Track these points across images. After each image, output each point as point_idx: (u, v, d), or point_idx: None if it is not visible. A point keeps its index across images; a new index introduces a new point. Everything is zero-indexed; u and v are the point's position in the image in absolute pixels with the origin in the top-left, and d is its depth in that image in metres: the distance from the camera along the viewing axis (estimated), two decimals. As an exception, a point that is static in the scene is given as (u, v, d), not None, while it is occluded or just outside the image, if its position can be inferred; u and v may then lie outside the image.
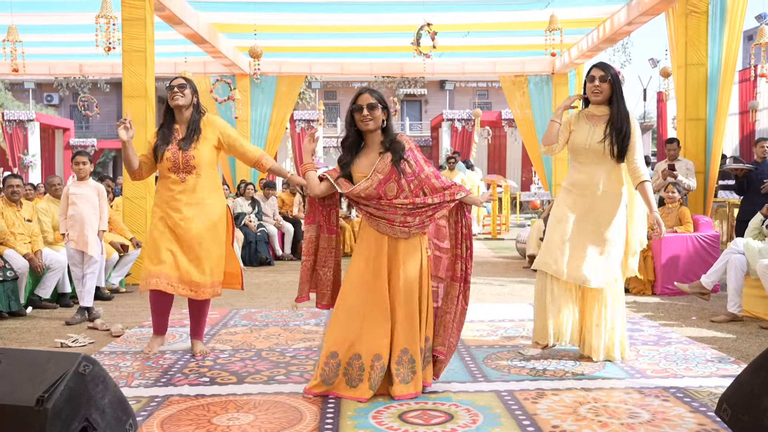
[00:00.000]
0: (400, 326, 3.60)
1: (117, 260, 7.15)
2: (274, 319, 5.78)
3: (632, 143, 4.19)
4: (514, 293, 7.15)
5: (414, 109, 39.70)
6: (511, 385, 3.82)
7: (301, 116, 23.02)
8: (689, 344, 4.76)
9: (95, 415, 2.62)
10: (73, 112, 35.09)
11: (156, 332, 4.67)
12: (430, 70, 12.58)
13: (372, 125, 3.66)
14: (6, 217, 6.30)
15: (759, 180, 7.15)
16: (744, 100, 14.73)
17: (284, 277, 8.58)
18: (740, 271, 5.59)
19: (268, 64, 12.40)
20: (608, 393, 3.69)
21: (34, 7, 9.30)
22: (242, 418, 3.33)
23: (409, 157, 3.68)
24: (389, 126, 3.74)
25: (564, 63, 12.65)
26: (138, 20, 7.94)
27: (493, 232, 14.16)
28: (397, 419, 3.29)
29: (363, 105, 3.64)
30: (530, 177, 23.17)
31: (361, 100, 3.66)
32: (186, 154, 4.36)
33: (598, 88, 4.20)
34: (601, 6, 9.77)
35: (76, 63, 13.38)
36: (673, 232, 7.04)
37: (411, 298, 3.62)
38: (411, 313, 3.62)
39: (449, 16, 9.85)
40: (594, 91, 4.22)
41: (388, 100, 3.86)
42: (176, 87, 4.40)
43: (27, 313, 6.16)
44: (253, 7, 9.14)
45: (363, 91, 3.70)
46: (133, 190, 7.98)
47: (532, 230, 9.28)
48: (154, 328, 4.67)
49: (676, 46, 8.29)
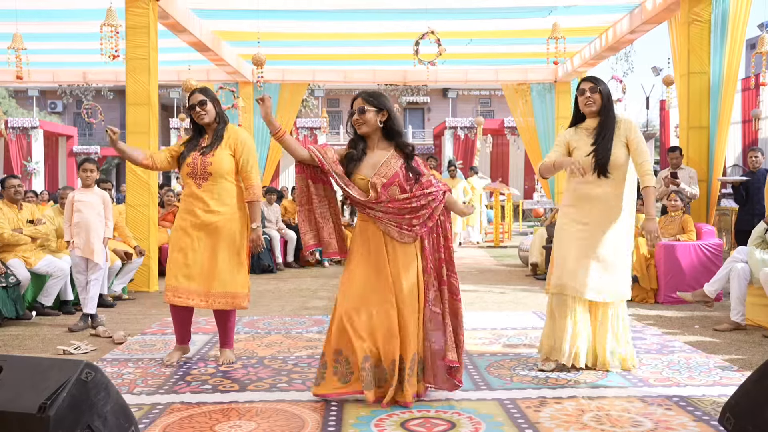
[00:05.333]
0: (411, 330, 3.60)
1: (120, 268, 7.16)
2: (277, 327, 5.78)
3: (638, 146, 4.17)
4: (517, 301, 7.14)
5: (417, 116, 39.77)
6: (514, 394, 3.81)
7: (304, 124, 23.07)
8: (692, 353, 4.75)
9: (97, 423, 2.62)
10: (77, 120, 35.22)
11: (178, 342, 4.69)
12: (433, 78, 12.60)
13: (364, 128, 3.70)
14: (8, 219, 6.31)
15: (756, 189, 7.15)
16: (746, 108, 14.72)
17: (286, 284, 8.58)
18: (743, 279, 5.58)
19: (271, 71, 12.43)
20: (611, 402, 3.67)
21: (39, 16, 9.33)
22: (244, 426, 3.33)
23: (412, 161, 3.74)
24: (389, 126, 3.74)
25: (567, 71, 12.66)
26: (142, 28, 7.98)
27: (496, 240, 14.15)
28: (399, 427, 3.29)
29: (355, 109, 3.71)
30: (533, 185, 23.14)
31: (354, 104, 3.73)
32: (204, 160, 4.38)
33: (590, 99, 4.22)
34: (604, 14, 9.79)
35: (80, 71, 13.42)
36: (676, 241, 7.03)
37: (414, 301, 3.63)
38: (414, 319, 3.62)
39: (452, 24, 9.87)
40: (587, 102, 4.24)
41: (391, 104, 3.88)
42: (197, 106, 4.41)
43: (30, 318, 6.16)
44: (256, 15, 9.17)
45: (358, 95, 3.74)
46: (137, 198, 8.00)
47: (535, 238, 9.28)
48: (176, 338, 4.69)
49: (678, 55, 8.30)
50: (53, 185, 22.52)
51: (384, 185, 3.64)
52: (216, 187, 4.40)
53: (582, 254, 4.21)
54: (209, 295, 4.38)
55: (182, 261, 4.41)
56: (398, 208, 3.64)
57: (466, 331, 5.23)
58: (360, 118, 3.68)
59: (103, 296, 6.68)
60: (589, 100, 4.23)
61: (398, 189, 3.66)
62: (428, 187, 3.69)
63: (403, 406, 3.54)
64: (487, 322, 5.89)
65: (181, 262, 4.42)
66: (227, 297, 4.41)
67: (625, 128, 4.23)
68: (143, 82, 8.03)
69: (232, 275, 4.42)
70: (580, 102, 4.28)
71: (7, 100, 31.76)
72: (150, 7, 7.99)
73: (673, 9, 8.33)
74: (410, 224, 3.64)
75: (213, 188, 4.40)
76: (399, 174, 3.67)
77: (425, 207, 3.65)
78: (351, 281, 3.69)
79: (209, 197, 4.39)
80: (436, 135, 27.95)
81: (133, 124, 8.07)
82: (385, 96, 3.77)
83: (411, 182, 3.68)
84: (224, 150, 4.43)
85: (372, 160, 3.71)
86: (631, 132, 4.21)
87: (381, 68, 13.39)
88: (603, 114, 4.22)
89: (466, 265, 10.65)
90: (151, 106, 8.08)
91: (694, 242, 7.01)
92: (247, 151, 4.50)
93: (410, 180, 3.69)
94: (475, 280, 8.86)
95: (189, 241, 4.40)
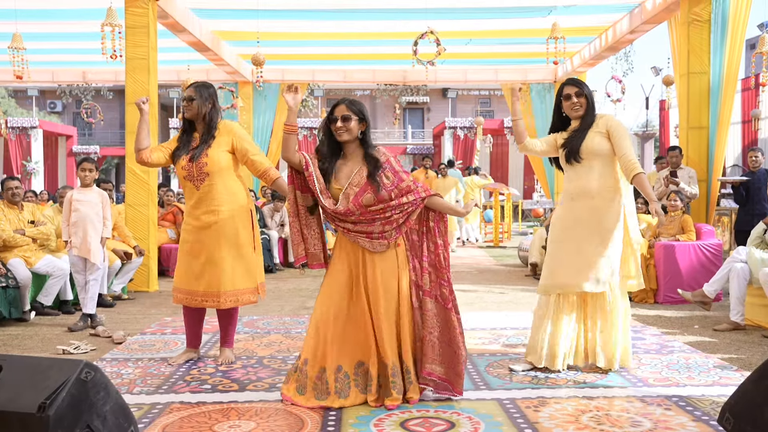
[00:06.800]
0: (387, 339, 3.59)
1: (119, 267, 7.16)
2: (276, 327, 5.78)
3: (618, 138, 4.14)
4: (516, 301, 7.15)
5: (416, 116, 39.75)
6: (513, 393, 3.81)
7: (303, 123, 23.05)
8: (692, 353, 4.75)
9: (97, 422, 2.62)
10: (76, 120, 35.19)
11: (188, 345, 4.69)
12: (433, 78, 12.60)
13: (346, 136, 3.68)
14: (9, 221, 6.31)
15: (756, 189, 7.15)
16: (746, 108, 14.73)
17: (286, 284, 8.58)
18: (743, 279, 5.59)
19: (271, 71, 12.44)
20: (610, 401, 3.68)
21: (38, 15, 9.33)
22: (244, 426, 3.33)
23: (386, 170, 3.68)
24: (366, 138, 3.74)
25: (566, 71, 12.66)
26: (141, 28, 7.98)
27: (495, 240, 14.15)
28: (398, 427, 3.29)
29: (338, 117, 3.67)
30: (532, 185, 23.16)
31: (337, 111, 3.69)
32: (199, 162, 4.36)
33: (576, 104, 4.24)
34: (604, 14, 9.79)
35: (80, 70, 13.43)
36: (676, 241, 7.03)
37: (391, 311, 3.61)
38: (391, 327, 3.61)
39: (451, 24, 9.87)
40: (574, 108, 4.25)
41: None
42: (185, 100, 4.44)
43: (29, 319, 6.17)
44: (255, 15, 9.17)
45: (340, 102, 3.72)
46: (136, 197, 8.00)
47: (534, 238, 9.28)
48: (187, 341, 4.70)
49: (678, 55, 8.30)
50: (53, 185, 22.52)
51: (356, 194, 3.62)
52: (215, 186, 4.39)
53: (567, 249, 4.21)
54: (219, 295, 4.38)
55: (190, 263, 4.41)
56: (369, 219, 3.61)
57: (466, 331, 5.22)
58: (344, 126, 3.66)
59: (103, 296, 6.68)
60: (575, 105, 4.24)
61: (373, 197, 3.62)
62: (407, 193, 3.66)
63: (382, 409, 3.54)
64: (487, 322, 5.89)
65: (189, 263, 4.42)
66: (237, 294, 4.42)
67: (605, 122, 4.22)
68: (143, 81, 8.03)
69: (239, 272, 4.42)
70: (566, 107, 4.28)
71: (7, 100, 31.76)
72: (149, 6, 7.99)
73: (673, 9, 8.33)
74: (382, 232, 3.62)
75: (212, 187, 4.39)
76: (370, 183, 3.63)
77: (399, 213, 3.63)
78: (328, 290, 3.69)
79: (209, 197, 4.38)
80: (436, 135, 27.96)
81: (133, 123, 8.04)
82: (365, 106, 3.78)
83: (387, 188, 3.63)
84: (218, 147, 4.40)
85: (347, 169, 3.70)
86: (611, 125, 4.18)
87: (380, 68, 13.39)
88: (586, 114, 4.26)
89: (465, 264, 10.66)
90: (150, 106, 7.99)
91: (693, 242, 7.01)
92: (244, 140, 4.48)
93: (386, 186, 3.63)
94: (475, 280, 8.86)
95: (195, 242, 4.40)
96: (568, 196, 4.30)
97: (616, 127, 4.18)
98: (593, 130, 4.20)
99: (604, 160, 4.18)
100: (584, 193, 4.20)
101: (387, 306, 3.61)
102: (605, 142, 4.18)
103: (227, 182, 4.42)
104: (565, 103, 4.28)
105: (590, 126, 4.23)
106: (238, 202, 4.44)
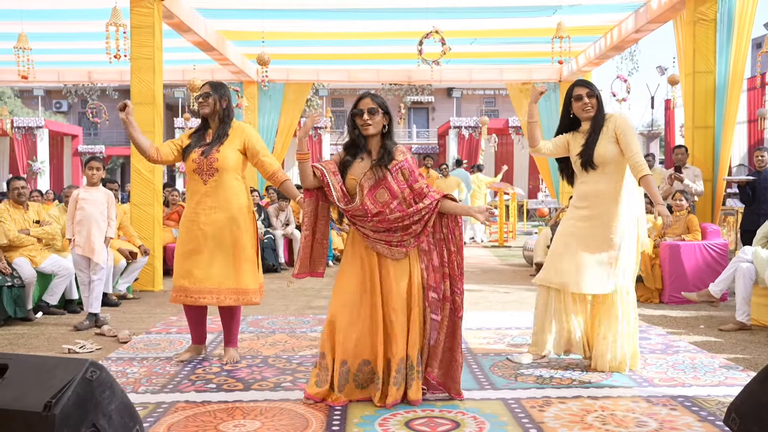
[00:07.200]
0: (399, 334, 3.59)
1: (125, 267, 7.17)
2: (281, 326, 5.78)
3: (626, 141, 4.16)
4: (521, 301, 7.13)
5: (421, 116, 39.75)
6: (518, 393, 3.81)
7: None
8: (697, 353, 4.74)
9: (102, 421, 2.62)
10: (82, 119, 35.28)
11: (193, 342, 4.72)
12: (437, 77, 12.58)
13: (372, 130, 3.66)
14: (14, 220, 6.33)
15: (762, 188, 7.13)
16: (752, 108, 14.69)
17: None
18: (749, 279, 5.57)
19: (276, 71, 12.43)
20: (616, 401, 3.67)
21: (44, 16, 9.35)
22: (248, 425, 3.33)
23: (404, 166, 3.65)
24: (390, 132, 3.74)
25: (571, 71, 12.64)
26: (146, 28, 7.99)
27: (500, 239, 14.13)
28: (403, 426, 3.29)
29: (364, 109, 3.65)
30: (537, 185, 23.12)
31: (362, 104, 3.67)
32: (210, 157, 4.40)
33: (587, 105, 4.24)
34: (609, 14, 9.77)
35: (85, 70, 13.47)
36: (681, 240, 7.01)
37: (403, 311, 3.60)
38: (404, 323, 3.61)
39: (456, 23, 9.86)
40: (585, 108, 4.25)
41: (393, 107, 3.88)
42: (201, 96, 4.49)
43: (35, 318, 6.18)
44: (260, 15, 9.17)
45: (365, 95, 3.70)
46: (141, 197, 8.01)
47: (539, 238, 9.27)
48: (191, 337, 4.73)
49: (684, 54, 8.28)
50: (58, 185, 22.57)
51: (371, 188, 3.62)
52: (222, 184, 4.40)
53: (578, 249, 4.23)
54: (219, 293, 4.39)
55: (190, 260, 4.42)
56: (388, 228, 3.60)
57: (470, 331, 5.23)
58: (370, 119, 3.65)
59: (108, 295, 6.69)
60: (587, 106, 4.25)
61: (387, 192, 3.62)
62: (420, 196, 3.64)
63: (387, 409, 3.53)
64: (492, 321, 5.88)
65: (188, 261, 4.42)
66: (238, 293, 4.42)
67: (614, 124, 4.23)
68: (148, 81, 8.04)
69: (241, 271, 4.42)
70: (577, 108, 4.28)
71: (13, 100, 31.87)
72: (155, 6, 7.99)
73: (679, 8, 8.30)
74: (401, 241, 3.61)
75: (219, 185, 4.40)
76: (384, 178, 3.63)
77: (417, 222, 3.61)
78: (341, 286, 3.70)
79: (215, 194, 4.40)
80: (441, 134, 27.93)
81: (138, 123, 7.99)
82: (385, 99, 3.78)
83: (401, 185, 3.63)
84: (230, 146, 4.45)
85: (364, 164, 3.68)
86: (619, 127, 4.20)
87: (385, 68, 13.39)
88: (596, 114, 4.26)
89: (470, 264, 10.62)
90: (155, 106, 8.08)
91: (699, 242, 6.99)
92: (255, 140, 4.53)
93: (400, 183, 3.63)
94: (480, 279, 8.85)
95: (195, 239, 4.41)
96: (581, 195, 4.32)
97: (624, 129, 4.20)
98: (604, 136, 4.22)
99: (617, 165, 4.23)
100: (596, 194, 4.23)
101: (401, 303, 3.60)
102: (616, 148, 4.20)
103: (232, 181, 4.45)
104: (575, 104, 4.28)
105: (601, 128, 4.23)
106: (240, 201, 4.47)
